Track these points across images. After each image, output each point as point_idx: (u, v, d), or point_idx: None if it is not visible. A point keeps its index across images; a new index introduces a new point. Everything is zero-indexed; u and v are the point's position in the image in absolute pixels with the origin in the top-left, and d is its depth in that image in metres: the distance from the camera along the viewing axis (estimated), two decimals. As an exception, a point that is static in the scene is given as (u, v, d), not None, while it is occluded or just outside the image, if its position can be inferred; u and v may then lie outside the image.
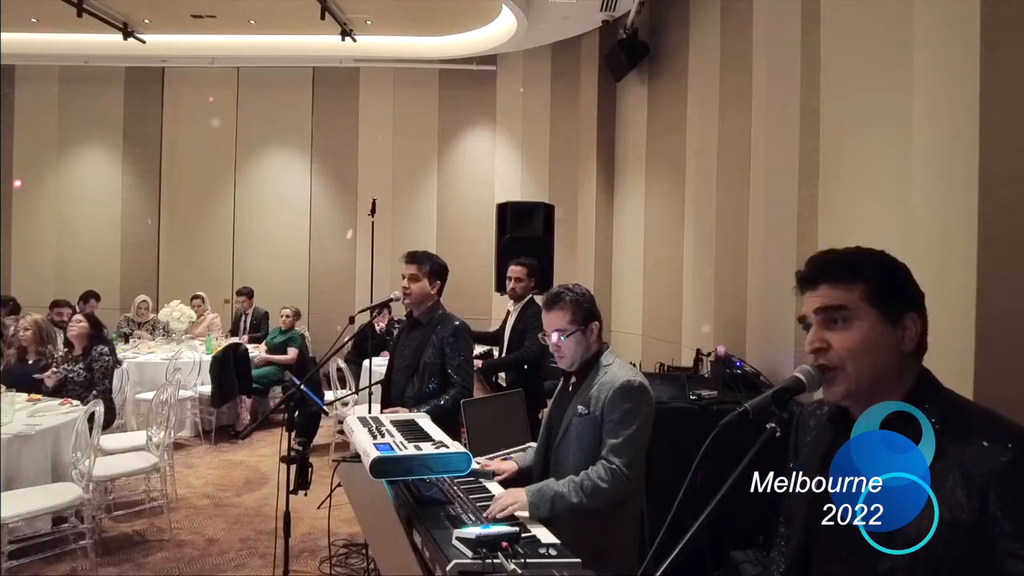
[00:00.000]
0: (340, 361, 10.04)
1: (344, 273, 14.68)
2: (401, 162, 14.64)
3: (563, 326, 3.82)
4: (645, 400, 3.70)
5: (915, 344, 2.05)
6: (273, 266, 14.78)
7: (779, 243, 6.35)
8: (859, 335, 2.05)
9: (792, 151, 6.09)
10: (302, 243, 14.87)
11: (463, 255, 13.32)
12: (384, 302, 5.95)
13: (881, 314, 2.05)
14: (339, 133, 14.78)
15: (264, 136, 14.99)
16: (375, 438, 3.71)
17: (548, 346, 3.98)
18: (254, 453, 9.99)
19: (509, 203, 9.57)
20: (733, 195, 7.59)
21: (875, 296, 2.05)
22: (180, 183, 15.12)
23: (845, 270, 2.09)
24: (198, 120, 15.01)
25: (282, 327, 11.84)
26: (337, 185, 14.86)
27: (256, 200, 15.03)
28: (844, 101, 5.33)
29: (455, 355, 5.42)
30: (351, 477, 3.91)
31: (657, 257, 10.47)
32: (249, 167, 15.05)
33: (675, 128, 9.78)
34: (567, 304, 3.84)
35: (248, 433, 10.53)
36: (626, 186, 12.02)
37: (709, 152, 8.44)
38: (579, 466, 3.66)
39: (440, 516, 3.33)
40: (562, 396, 3.99)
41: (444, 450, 3.57)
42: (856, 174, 5.08)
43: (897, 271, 2.09)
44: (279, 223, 14.92)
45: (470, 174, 14.49)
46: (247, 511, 7.77)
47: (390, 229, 14.07)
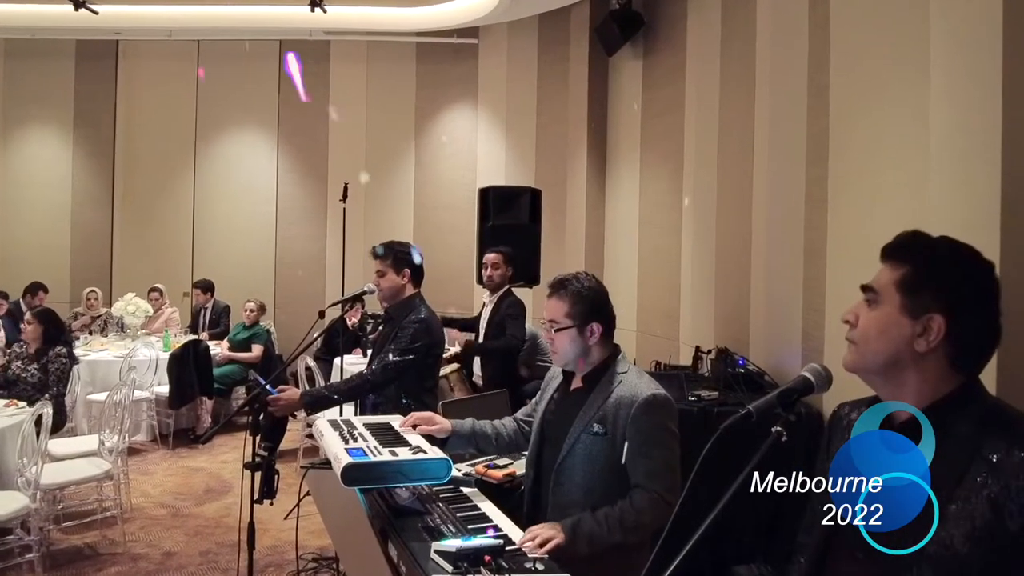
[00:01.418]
0: (309, 359, 10.01)
1: (313, 264, 14.64)
2: (375, 143, 14.60)
3: (557, 318, 3.70)
4: (673, 415, 3.57)
5: (930, 347, 2.03)
6: (236, 256, 14.72)
7: (785, 231, 6.35)
8: (877, 318, 2.09)
9: (799, 131, 6.09)
10: (268, 231, 14.82)
11: (442, 244, 13.31)
12: (356, 295, 5.95)
13: (904, 303, 2.05)
14: (308, 112, 14.70)
15: (227, 115, 14.90)
16: (347, 443, 3.70)
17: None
18: (215, 459, 9.97)
19: (492, 188, 9.56)
20: (735, 179, 7.59)
21: (907, 283, 2.06)
22: (135, 166, 15.02)
23: (901, 251, 2.12)
24: (155, 98, 14.91)
25: (246, 322, 11.81)
26: (306, 168, 14.81)
27: (218, 184, 14.95)
28: (855, 77, 5.33)
29: (395, 346, 5.44)
30: (321, 485, 3.90)
31: (653, 246, 10.47)
32: (210, 149, 14.97)
33: (672, 107, 9.77)
34: (567, 295, 3.70)
35: (209, 437, 10.51)
36: (619, 169, 12.01)
37: (709, 133, 8.43)
38: (587, 489, 3.53)
39: (417, 527, 3.29)
40: (561, 403, 3.84)
41: (422, 456, 3.56)
42: (868, 156, 5.08)
43: (952, 268, 2.07)
44: (243, 209, 14.85)
45: (450, 156, 14.45)
46: (208, 522, 7.74)
47: (363, 216, 14.02)
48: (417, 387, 5.48)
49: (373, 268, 5.67)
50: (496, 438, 4.18)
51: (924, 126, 4.30)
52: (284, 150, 14.87)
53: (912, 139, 4.48)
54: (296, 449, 9.66)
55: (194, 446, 10.48)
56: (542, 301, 3.82)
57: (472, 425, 4.16)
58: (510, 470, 4.77)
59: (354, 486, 3.37)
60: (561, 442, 3.63)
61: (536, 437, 3.86)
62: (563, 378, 3.90)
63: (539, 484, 3.77)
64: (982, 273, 2.06)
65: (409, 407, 4.95)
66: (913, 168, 4.46)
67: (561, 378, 3.92)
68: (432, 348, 5.57)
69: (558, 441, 3.66)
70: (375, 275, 5.67)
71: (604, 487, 3.49)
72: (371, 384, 5.40)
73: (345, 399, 5.59)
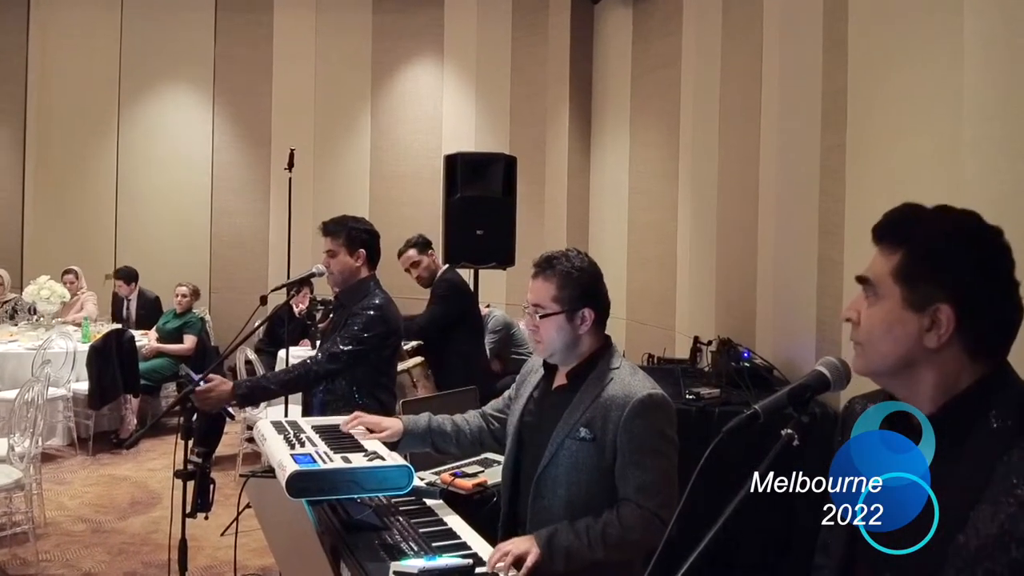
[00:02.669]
0: (249, 351, 10.00)
1: (254, 242, 14.62)
2: (326, 104, 14.56)
3: (543, 302, 3.61)
4: (671, 419, 3.54)
5: (942, 342, 2.02)
6: (165, 233, 14.63)
7: (797, 205, 6.36)
8: (879, 315, 2.09)
9: (813, 91, 6.09)
10: (202, 204, 14.76)
11: (402, 219, 13.22)
12: (304, 278, 5.93)
13: (905, 295, 2.05)
14: (249, 67, 14.66)
15: (155, 71, 14.78)
16: (293, 448, 3.68)
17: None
18: (142, 466, 9.95)
19: (460, 154, 9.50)
20: (740, 144, 7.60)
21: (905, 271, 2.06)
22: (50, 130, 14.89)
23: (894, 230, 2.12)
24: (73, 51, 14.76)
25: (177, 309, 11.79)
26: (246, 132, 14.76)
27: (145, 151, 14.84)
28: (877, 28, 5.33)
29: (344, 335, 5.41)
30: (263, 496, 3.88)
31: (644, 221, 10.49)
32: (136, 110, 14.86)
33: (667, 61, 9.78)
34: (555, 276, 3.61)
35: (134, 442, 10.45)
36: (606, 134, 12.03)
37: (709, 91, 8.43)
38: (572, 502, 3.48)
39: (374, 545, 3.30)
40: (543, 402, 3.79)
41: (379, 463, 3.54)
42: (892, 119, 5.08)
43: (951, 247, 2.05)
44: (173, 179, 14.76)
45: (412, 119, 14.44)
46: (133, 539, 7.72)
47: (312, 187, 13.95)
48: (372, 382, 5.47)
49: (322, 248, 5.64)
50: (457, 436, 4.15)
51: (957, 83, 4.29)
52: (221, 112, 14.80)
53: (943, 98, 4.48)
54: (235, 455, 9.66)
55: (118, 452, 10.43)
56: (517, 284, 3.79)
57: (428, 422, 4.13)
58: (481, 479, 4.74)
59: (301, 497, 3.34)
60: (542, 448, 3.58)
61: (513, 442, 3.81)
62: (544, 373, 3.84)
63: (516, 496, 3.73)
64: (987, 245, 2.04)
65: (366, 407, 4.94)
66: (944, 132, 4.46)
67: (542, 373, 3.86)
68: (387, 339, 5.54)
69: (538, 447, 3.61)
70: (325, 255, 5.63)
71: (591, 500, 3.45)
72: (315, 375, 5.35)
73: (285, 391, 5.58)
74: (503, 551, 3.20)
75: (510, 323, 9.70)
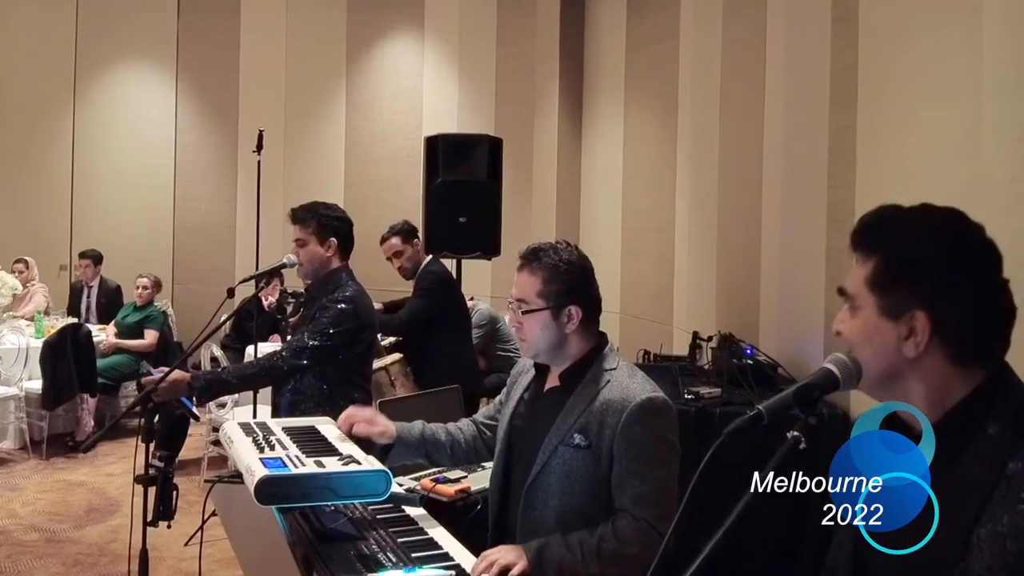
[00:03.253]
0: (215, 347, 10.01)
1: (221, 230, 14.61)
2: (297, 81, 14.55)
3: (527, 297, 3.59)
4: (673, 425, 3.51)
5: (921, 351, 2.04)
6: (125, 220, 14.58)
7: (804, 190, 6.36)
8: (858, 326, 2.13)
9: (821, 68, 6.09)
10: (164, 190, 14.73)
11: (379, 205, 13.23)
12: (273, 268, 5.91)
13: (879, 304, 2.08)
14: (214, 42, 14.64)
15: (113, 46, 14.73)
16: (262, 451, 3.66)
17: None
18: (100, 471, 9.93)
19: (442, 136, 9.50)
20: (742, 125, 7.60)
21: (878, 278, 2.09)
22: (0, 108, 14.84)
23: (868, 237, 2.15)
24: (25, 24, 14.65)
25: (137, 302, 11.75)
26: (212, 111, 14.75)
27: (102, 132, 14.79)
28: (890, 1, 5.33)
29: (311, 329, 5.42)
30: (230, 503, 3.87)
31: (640, 208, 10.49)
32: (93, 88, 14.80)
33: (664, 35, 9.78)
34: (540, 269, 3.59)
35: (91, 444, 10.30)
36: (598, 114, 12.04)
37: (710, 68, 8.43)
38: (564, 512, 3.47)
39: (349, 556, 3.28)
40: (534, 406, 3.78)
41: (355, 468, 3.52)
42: (906, 99, 5.08)
43: (921, 248, 2.07)
44: (133, 163, 14.72)
45: (390, 97, 14.44)
46: (90, 549, 7.70)
47: (282, 170, 13.95)
48: (344, 381, 5.47)
49: (292, 236, 5.63)
50: (452, 447, 4.10)
51: (975, 58, 4.30)
52: (185, 89, 14.77)
53: (961, 75, 4.48)
54: (199, 459, 9.64)
55: (73, 455, 10.41)
56: (503, 275, 3.77)
57: (422, 430, 4.08)
58: (463, 485, 4.75)
59: (271, 504, 3.32)
60: (533, 455, 3.57)
61: (502, 448, 3.81)
62: (536, 374, 3.83)
63: (505, 507, 3.73)
64: (963, 245, 2.05)
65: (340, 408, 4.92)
66: (962, 111, 4.46)
67: (533, 374, 3.85)
68: (359, 334, 5.54)
69: (529, 454, 3.60)
70: (294, 244, 5.64)
71: (585, 512, 3.44)
72: (277, 371, 5.36)
73: (245, 386, 5.57)
74: (488, 560, 3.19)
75: (495, 317, 9.69)
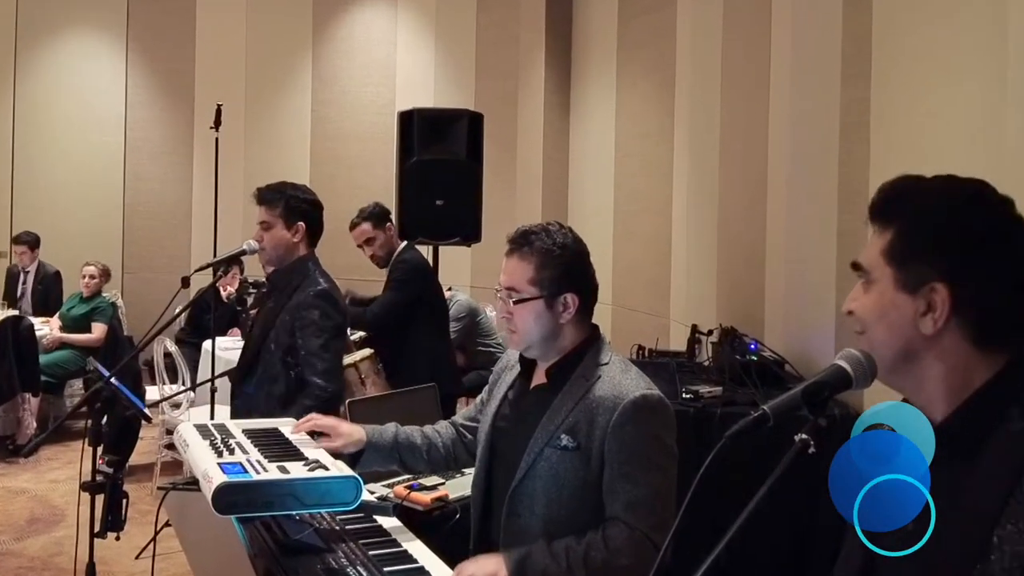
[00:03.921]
0: (169, 342, 9.98)
1: (175, 214, 14.61)
2: (259, 51, 14.59)
3: (518, 285, 3.55)
4: (670, 425, 3.51)
5: (939, 327, 2.03)
6: (71, 203, 14.61)
7: (813, 168, 6.35)
8: (872, 299, 2.13)
9: (832, 36, 6.09)
10: (114, 170, 14.74)
11: (349, 187, 13.25)
12: (233, 256, 5.88)
13: (896, 276, 2.09)
14: (168, 9, 14.67)
15: (58, 14, 14.75)
16: (220, 456, 3.66)
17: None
18: (42, 477, 9.93)
19: (417, 111, 9.49)
20: (746, 98, 7.60)
21: (895, 249, 2.10)
22: (-69, 80, 14.85)
23: (887, 206, 2.16)
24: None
25: (84, 292, 11.72)
26: (166, 85, 14.77)
27: (46, 107, 14.82)
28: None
29: (309, 336, 5.36)
30: (185, 513, 3.87)
31: (634, 189, 10.50)
32: (36, 58, 14.80)
33: (661, 2, 9.78)
34: (533, 254, 3.54)
35: (33, 449, 10.40)
36: (588, 87, 12.04)
37: (710, 37, 8.42)
38: (551, 520, 3.46)
39: (316, 569, 3.27)
40: (519, 405, 3.77)
41: (322, 474, 3.52)
42: (925, 69, 5.08)
43: (944, 218, 2.07)
44: (80, 140, 14.74)
45: (360, 69, 14.48)
46: (32, 562, 7.70)
47: (242, 148, 13.99)
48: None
49: (255, 220, 5.59)
50: (428, 451, 4.09)
51: (1000, 24, 4.29)
52: (136, 61, 14.79)
53: (984, 43, 4.48)
54: (152, 464, 9.63)
55: (14, 460, 10.42)
56: (484, 263, 3.75)
57: (395, 434, 4.07)
58: (441, 493, 4.74)
59: (230, 514, 3.31)
60: (518, 458, 3.55)
61: (484, 451, 3.80)
62: (521, 370, 3.82)
63: (488, 514, 3.73)
64: (991, 216, 2.06)
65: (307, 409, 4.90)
66: (984, 84, 4.46)
67: (518, 370, 3.84)
68: (342, 331, 5.54)
69: (514, 457, 3.59)
70: (258, 228, 5.58)
71: (574, 519, 3.43)
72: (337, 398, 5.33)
73: None
74: (465, 572, 3.19)
75: (476, 309, 9.68)
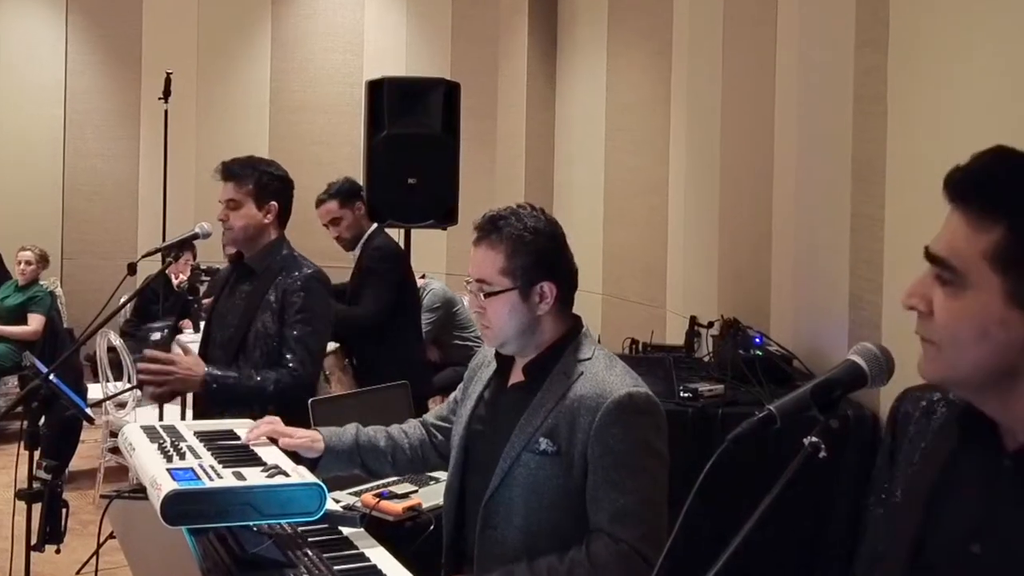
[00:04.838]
0: (113, 335, 9.96)
1: (120, 194, 14.54)
2: (213, 16, 14.51)
3: (489, 276, 3.54)
4: (659, 425, 3.51)
5: None
6: (4, 182, 14.49)
7: (824, 145, 6.36)
8: (968, 312, 1.95)
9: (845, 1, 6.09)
10: (52, 144, 14.64)
11: (312, 163, 13.19)
12: (184, 240, 5.89)
13: (1006, 287, 1.91)
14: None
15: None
16: (170, 460, 3.66)
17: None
18: (-27, 485, 9.87)
19: (387, 80, 9.45)
20: (749, 67, 7.60)
21: (1008, 254, 1.91)
22: None
23: (987, 192, 1.97)
24: None
25: (19, 280, 11.70)
26: (110, 51, 14.67)
27: (-24, 75, 14.71)
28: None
29: (298, 322, 5.38)
30: (131, 523, 3.86)
31: (627, 167, 10.50)
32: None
33: (656, -39, 9.78)
34: (503, 242, 3.53)
35: (-36, 453, 10.45)
36: (576, 56, 12.03)
37: (710, 2, 8.42)
38: (530, 532, 3.46)
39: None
40: (495, 405, 3.77)
41: (282, 480, 3.52)
42: (948, 35, 5.08)
43: None
44: (15, 113, 14.62)
45: (324, 34, 14.44)
46: (-38, 579, 7.67)
47: (194, 122, 13.95)
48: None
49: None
50: (393, 453, 4.10)
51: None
52: (77, 25, 14.67)
53: (1012, 11, 4.48)
54: (94, 470, 9.62)
55: (-59, 466, 10.38)
56: (460, 249, 3.75)
57: (355, 436, 4.07)
58: (413, 501, 4.75)
59: (181, 525, 3.31)
60: (493, 464, 3.56)
61: (458, 456, 3.81)
62: (497, 368, 3.82)
63: (461, 525, 3.73)
64: None
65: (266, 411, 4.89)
66: (1015, 49, 4.46)
67: (494, 367, 3.84)
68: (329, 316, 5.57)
69: (489, 462, 3.59)
70: (224, 207, 5.54)
71: (555, 531, 3.43)
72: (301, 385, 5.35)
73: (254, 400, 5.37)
74: None
75: (451, 299, 9.67)
